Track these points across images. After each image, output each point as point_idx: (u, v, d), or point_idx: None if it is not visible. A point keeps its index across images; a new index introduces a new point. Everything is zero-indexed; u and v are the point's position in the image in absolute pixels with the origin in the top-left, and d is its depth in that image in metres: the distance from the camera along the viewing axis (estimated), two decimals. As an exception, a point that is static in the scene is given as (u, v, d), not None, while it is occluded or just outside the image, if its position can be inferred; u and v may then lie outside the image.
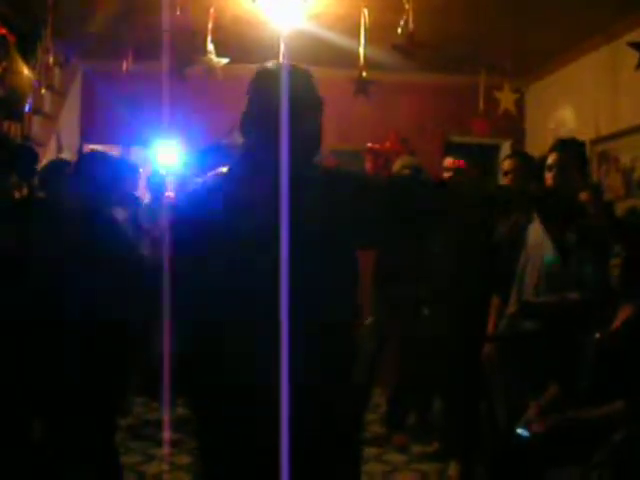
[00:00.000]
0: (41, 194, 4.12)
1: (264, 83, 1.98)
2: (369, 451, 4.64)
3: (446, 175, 4.40)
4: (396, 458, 4.56)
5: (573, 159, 3.31)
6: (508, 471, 2.77)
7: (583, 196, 3.86)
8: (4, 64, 4.16)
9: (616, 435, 2.54)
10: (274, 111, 1.88)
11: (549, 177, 3.29)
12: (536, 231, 3.44)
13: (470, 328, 3.91)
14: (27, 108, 4.69)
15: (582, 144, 3.49)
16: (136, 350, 3.18)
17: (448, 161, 4.46)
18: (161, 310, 2.02)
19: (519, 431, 2.84)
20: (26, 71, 4.43)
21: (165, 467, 4.06)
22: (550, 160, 3.31)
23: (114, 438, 3.18)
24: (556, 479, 2.62)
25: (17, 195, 3.59)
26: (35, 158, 3.85)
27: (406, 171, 4.54)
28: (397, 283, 4.64)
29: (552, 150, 3.34)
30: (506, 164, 4.13)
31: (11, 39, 4.23)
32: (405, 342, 4.78)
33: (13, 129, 4.88)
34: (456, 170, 4.37)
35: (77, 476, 2.93)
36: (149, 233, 4.44)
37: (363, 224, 1.97)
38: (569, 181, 3.29)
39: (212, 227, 1.91)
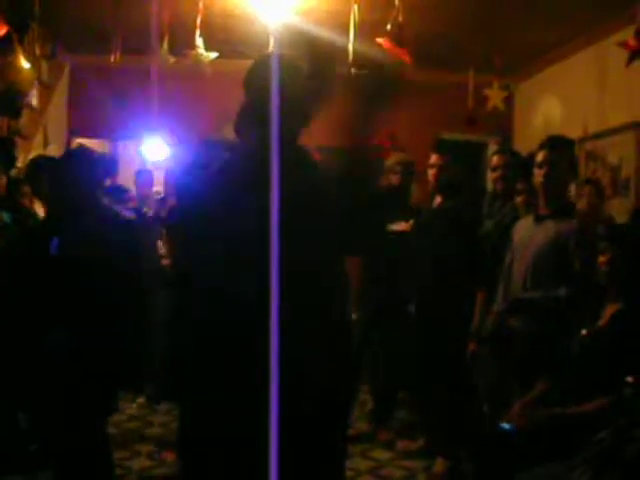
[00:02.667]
0: (27, 189, 4.10)
1: (257, 74, 1.97)
2: (355, 447, 4.63)
3: (430, 172, 4.39)
4: (382, 454, 4.55)
5: (563, 157, 3.30)
6: (494, 467, 2.77)
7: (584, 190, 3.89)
8: (7, 60, 4.12)
9: (600, 433, 2.55)
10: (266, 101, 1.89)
11: (539, 174, 3.28)
12: (523, 227, 3.44)
13: (455, 325, 3.91)
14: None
15: (572, 142, 3.49)
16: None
17: (433, 157, 4.45)
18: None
19: (504, 427, 2.84)
20: (27, 68, 4.38)
21: (150, 463, 4.04)
22: (540, 157, 3.29)
23: (106, 434, 3.17)
24: (540, 476, 2.63)
25: None
26: (13, 148, 3.82)
27: (398, 167, 4.57)
28: (382, 284, 4.63)
29: (542, 147, 3.32)
30: (494, 160, 4.21)
31: (15, 36, 4.19)
32: (389, 340, 4.77)
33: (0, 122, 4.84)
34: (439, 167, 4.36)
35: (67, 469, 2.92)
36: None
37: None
38: (560, 178, 3.30)
39: (211, 223, 1.93)
